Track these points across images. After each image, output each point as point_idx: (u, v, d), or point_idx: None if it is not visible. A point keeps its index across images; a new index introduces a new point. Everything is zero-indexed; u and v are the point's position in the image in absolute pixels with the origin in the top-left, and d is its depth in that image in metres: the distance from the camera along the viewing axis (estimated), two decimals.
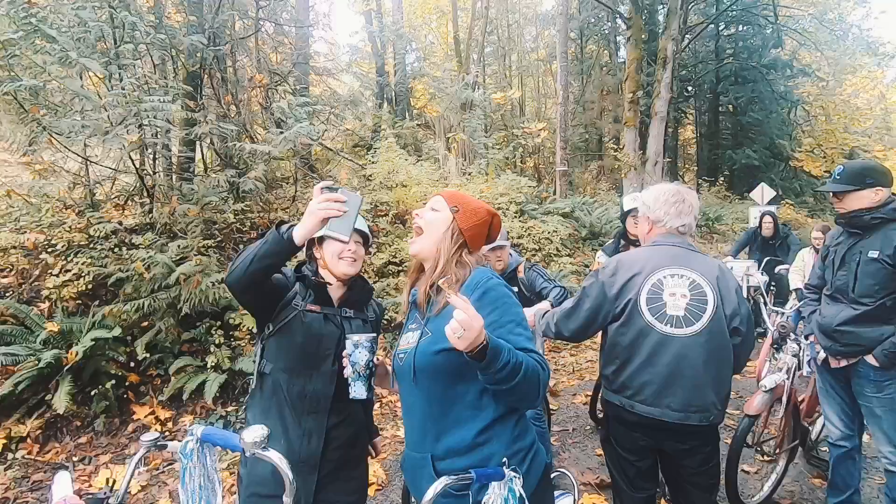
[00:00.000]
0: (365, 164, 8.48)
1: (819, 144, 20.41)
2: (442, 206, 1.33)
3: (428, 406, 1.22)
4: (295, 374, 1.51)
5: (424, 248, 1.32)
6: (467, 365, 1.16)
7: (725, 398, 1.76)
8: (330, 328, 1.55)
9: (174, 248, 4.33)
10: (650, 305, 1.75)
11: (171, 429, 3.80)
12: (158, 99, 3.92)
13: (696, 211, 1.88)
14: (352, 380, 1.32)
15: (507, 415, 1.20)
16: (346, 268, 1.58)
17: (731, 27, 20.33)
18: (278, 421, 1.49)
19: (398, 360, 1.30)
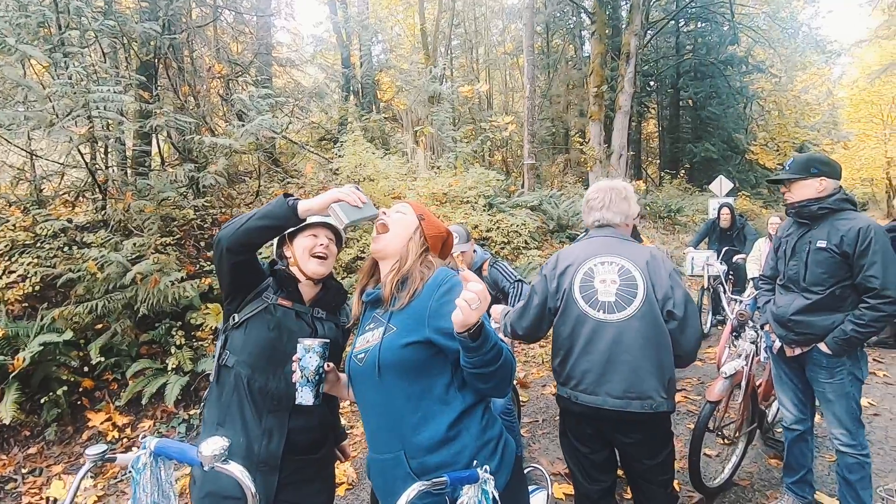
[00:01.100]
0: (331, 157, 8.31)
1: (773, 138, 21.28)
2: (408, 210, 1.37)
3: (395, 403, 1.20)
4: (258, 370, 1.44)
5: (389, 245, 1.32)
6: (434, 359, 1.19)
7: (669, 385, 1.73)
8: (301, 326, 1.50)
9: (129, 247, 4.13)
10: (583, 293, 1.79)
11: (130, 435, 3.65)
12: (108, 89, 3.70)
13: (617, 206, 1.91)
14: (300, 385, 1.29)
15: (473, 405, 1.21)
16: (317, 266, 1.53)
17: (691, 24, 20.93)
18: (238, 418, 1.42)
19: (356, 361, 1.26)
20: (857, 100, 29.24)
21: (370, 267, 1.43)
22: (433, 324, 1.17)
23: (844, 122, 26.85)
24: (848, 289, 2.19)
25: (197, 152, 5.05)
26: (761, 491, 2.73)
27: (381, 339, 1.21)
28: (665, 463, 1.80)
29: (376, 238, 1.34)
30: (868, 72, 25.12)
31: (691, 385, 4.26)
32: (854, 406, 2.25)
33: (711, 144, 20.12)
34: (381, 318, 1.27)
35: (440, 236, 1.40)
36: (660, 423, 1.77)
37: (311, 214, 1.33)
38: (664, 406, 1.71)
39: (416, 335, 1.18)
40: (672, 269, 1.80)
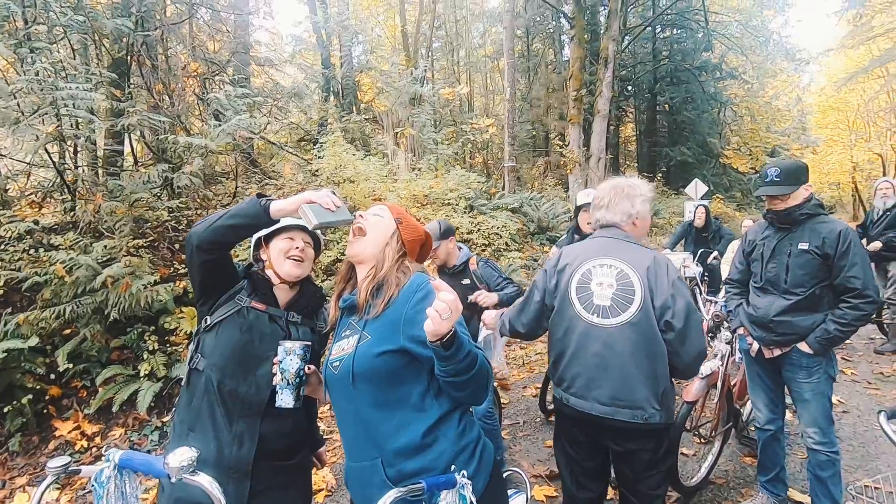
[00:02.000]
0: (311, 158, 8.22)
1: (745, 143, 21.89)
2: (386, 213, 1.35)
3: (371, 411, 1.18)
4: (229, 373, 1.39)
5: (366, 249, 1.30)
6: (409, 367, 1.17)
7: (663, 396, 1.65)
8: (274, 329, 1.45)
9: (99, 249, 4.00)
10: (579, 295, 1.76)
11: (99, 444, 3.52)
12: (77, 86, 3.58)
13: (618, 205, 1.82)
14: (280, 387, 1.28)
15: (450, 412, 1.20)
16: (292, 268, 1.49)
17: (667, 30, 21.38)
18: (209, 423, 1.37)
19: (331, 369, 1.25)
20: (824, 106, 30.32)
21: (347, 271, 1.41)
22: (407, 332, 1.15)
23: (813, 127, 27.81)
24: (826, 289, 2.25)
25: (171, 152, 4.93)
26: (737, 489, 2.78)
27: (354, 347, 1.20)
28: (657, 479, 1.73)
29: (352, 241, 1.32)
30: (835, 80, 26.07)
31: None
32: (828, 404, 2.31)
33: (687, 148, 20.59)
34: (356, 325, 1.25)
35: (418, 240, 1.38)
36: (655, 436, 1.69)
37: (283, 215, 1.30)
38: (657, 417, 1.64)
39: (390, 344, 1.16)
40: (676, 276, 1.70)
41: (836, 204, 36.36)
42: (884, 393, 4.03)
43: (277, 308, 1.49)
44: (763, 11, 20.84)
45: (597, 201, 1.90)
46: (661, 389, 1.65)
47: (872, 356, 4.87)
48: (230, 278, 1.48)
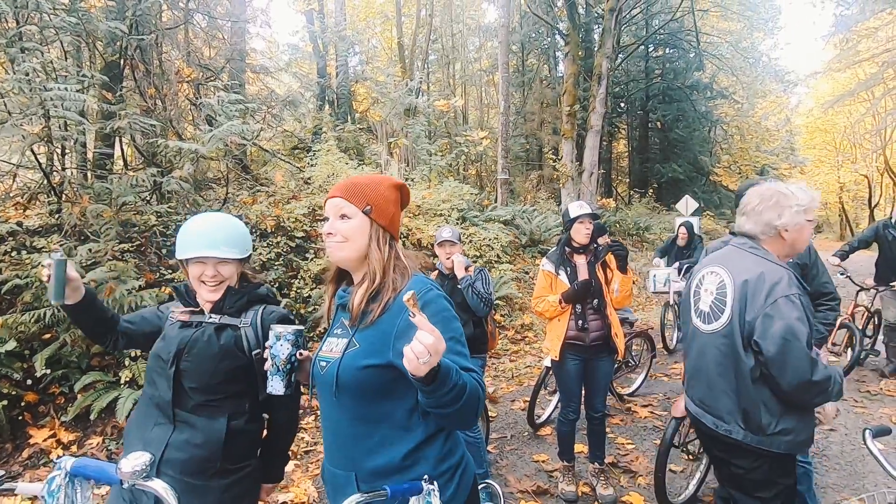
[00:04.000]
0: (303, 166, 8.19)
1: (735, 161, 22.22)
2: (352, 211, 1.16)
3: (351, 425, 1.13)
4: (151, 382, 1.46)
5: (351, 256, 1.18)
6: (396, 382, 1.10)
7: (747, 416, 1.60)
8: (183, 332, 1.46)
9: (84, 252, 3.93)
10: (694, 299, 1.87)
11: (75, 452, 3.42)
12: (65, 87, 3.54)
13: (760, 214, 1.70)
14: (270, 374, 1.23)
15: (436, 433, 1.14)
16: (207, 293, 1.47)
17: (660, 49, 21.74)
18: (135, 429, 1.43)
19: (319, 366, 1.19)
20: (811, 128, 30.98)
21: (336, 273, 1.30)
22: (398, 346, 1.05)
23: (801, 148, 28.33)
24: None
25: (162, 157, 4.88)
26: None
27: (342, 353, 1.13)
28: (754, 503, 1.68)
29: (334, 248, 1.19)
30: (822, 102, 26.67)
31: (657, 400, 4.30)
32: None
33: (678, 165, 20.84)
34: (348, 327, 1.19)
35: (394, 203, 1.23)
36: (744, 454, 1.64)
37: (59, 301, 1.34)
38: (740, 435, 1.61)
39: (378, 357, 1.09)
40: (783, 296, 1.54)
41: (824, 223, 36.92)
42: (871, 411, 4.03)
43: (202, 314, 1.49)
44: (753, 33, 21.27)
45: (741, 206, 1.80)
46: (751, 409, 1.59)
47: (859, 375, 4.89)
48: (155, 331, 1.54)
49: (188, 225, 1.49)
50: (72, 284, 1.36)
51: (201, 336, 1.44)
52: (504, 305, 7.30)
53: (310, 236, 6.16)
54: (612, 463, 3.15)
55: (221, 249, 1.44)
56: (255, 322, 1.48)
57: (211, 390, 1.41)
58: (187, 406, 1.40)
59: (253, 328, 1.47)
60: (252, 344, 1.45)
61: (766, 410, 1.58)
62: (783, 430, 1.57)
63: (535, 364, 5.60)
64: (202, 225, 1.47)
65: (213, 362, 1.41)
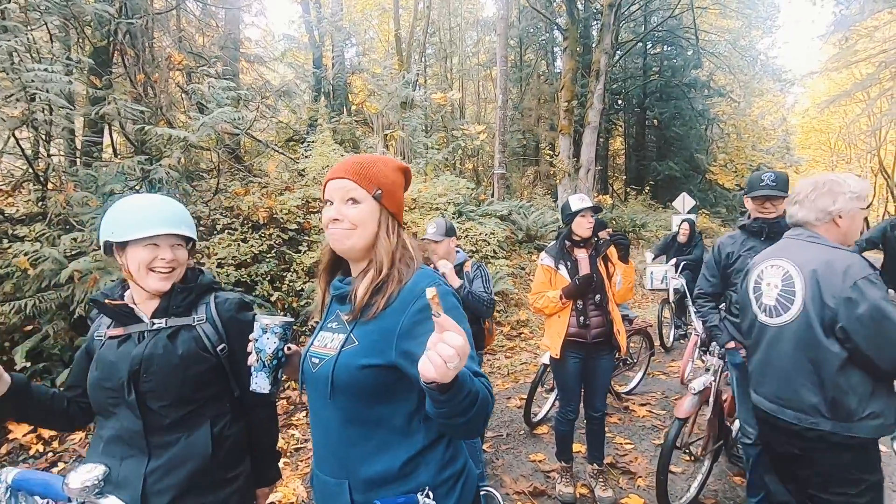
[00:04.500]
0: (297, 157, 8.05)
1: (731, 160, 22.22)
2: (361, 194, 1.06)
3: (345, 428, 1.03)
4: (104, 416, 1.26)
5: (359, 245, 1.06)
6: (396, 384, 1.00)
7: (835, 405, 1.56)
8: (125, 349, 1.25)
9: (67, 242, 3.80)
10: (755, 294, 1.85)
11: (56, 448, 3.31)
12: (46, 68, 3.40)
13: (814, 201, 1.70)
14: (254, 370, 1.11)
15: (438, 438, 1.04)
16: (158, 283, 1.26)
17: (658, 46, 21.68)
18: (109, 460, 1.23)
19: (310, 363, 1.08)
20: (807, 128, 31.07)
21: (331, 260, 1.18)
22: (402, 346, 0.97)
23: (796, 147, 28.37)
24: None
25: (151, 145, 4.74)
26: None
27: (338, 350, 1.02)
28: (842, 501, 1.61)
29: (337, 235, 1.06)
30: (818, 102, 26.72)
31: (655, 399, 4.23)
32: None
33: (675, 163, 20.82)
34: (344, 321, 1.07)
35: (401, 188, 1.14)
36: (832, 447, 1.60)
37: None
38: (828, 426, 1.58)
39: (379, 357, 0.99)
40: (862, 278, 1.53)
41: None
42: None
43: (140, 323, 1.28)
44: (751, 31, 21.21)
45: (792, 196, 1.81)
46: (832, 396, 1.58)
47: None
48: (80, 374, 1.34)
49: (126, 203, 1.26)
50: None
51: (155, 349, 1.24)
52: (500, 301, 7.21)
53: (303, 228, 6.03)
54: (610, 464, 3.08)
55: (181, 227, 1.27)
56: (210, 316, 1.32)
57: (186, 401, 1.25)
58: (161, 427, 1.23)
59: (210, 323, 1.31)
60: (214, 340, 1.30)
61: (854, 396, 1.56)
62: (871, 413, 1.56)
63: (532, 361, 5.52)
64: (151, 202, 1.27)
65: (180, 372, 1.24)
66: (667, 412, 3.92)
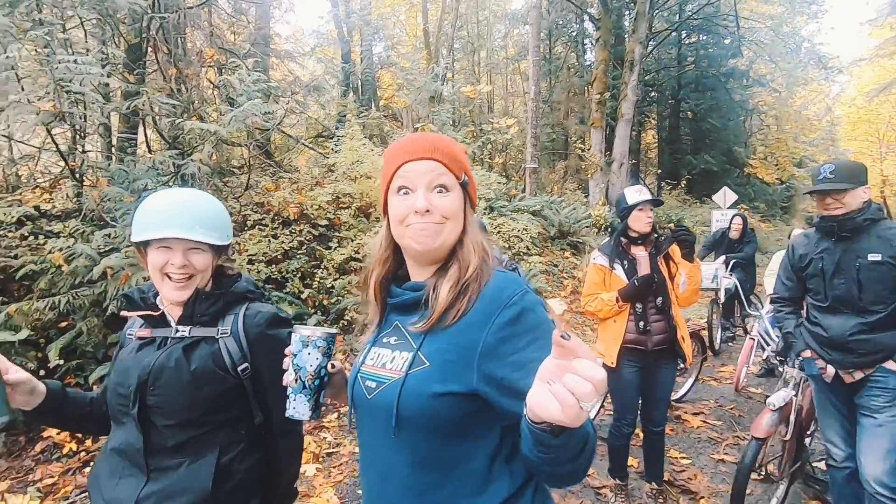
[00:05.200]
0: (327, 153, 7.97)
1: (772, 152, 21.24)
2: (451, 181, 0.89)
3: (412, 472, 0.83)
4: (115, 424, 1.16)
5: (448, 243, 0.88)
6: (476, 417, 0.79)
7: None
8: (142, 355, 1.13)
9: (100, 238, 3.76)
10: None
11: (90, 447, 3.26)
12: (76, 59, 3.33)
13: None
14: (293, 392, 0.92)
15: (525, 483, 0.83)
16: (173, 292, 1.12)
17: (693, 35, 20.87)
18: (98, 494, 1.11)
19: (364, 387, 0.88)
20: (854, 118, 29.43)
21: (389, 255, 0.97)
22: (485, 368, 0.78)
23: (842, 139, 26.94)
24: None
25: (183, 139, 4.70)
26: None
27: (404, 374, 0.82)
28: None
29: (424, 228, 0.86)
30: (866, 90, 25.25)
31: (709, 408, 3.93)
32: None
33: (711, 157, 20.06)
34: (407, 334, 0.88)
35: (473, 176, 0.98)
36: None
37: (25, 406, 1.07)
38: None
39: (458, 383, 0.79)
40: None
41: None
42: None
43: (166, 326, 1.16)
44: (795, 17, 20.14)
45: None
46: None
47: None
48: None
49: (152, 199, 1.14)
50: (21, 388, 1.02)
51: (167, 360, 1.10)
52: None
53: (333, 224, 5.93)
54: (666, 481, 2.83)
55: (196, 231, 1.10)
56: (236, 329, 1.15)
57: (193, 425, 1.09)
58: (164, 448, 1.08)
59: (234, 337, 1.14)
60: (236, 358, 1.13)
61: None
62: None
63: None
64: (171, 199, 1.13)
65: (190, 391, 1.08)
66: (723, 423, 3.63)
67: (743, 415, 3.78)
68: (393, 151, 0.92)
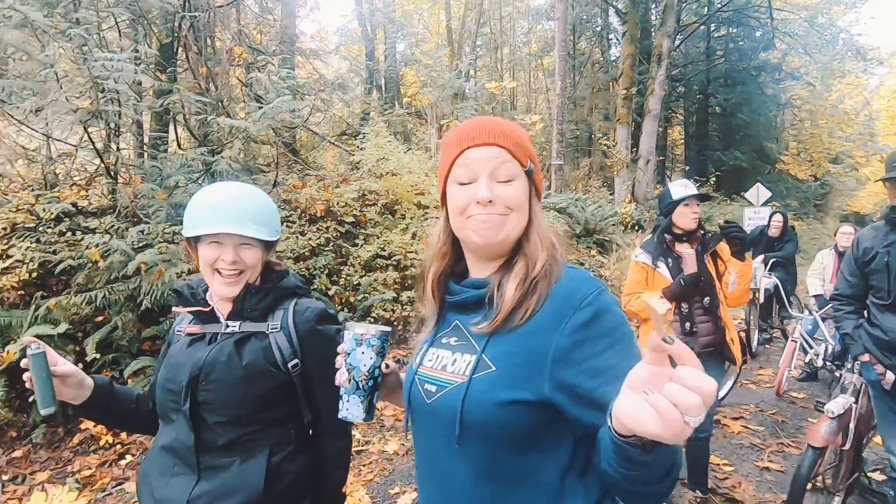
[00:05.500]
0: (352, 150, 7.98)
1: (805, 148, 20.54)
2: (515, 170, 0.81)
3: (477, 485, 0.76)
4: (164, 422, 1.14)
5: (512, 236, 0.81)
6: (548, 427, 0.72)
7: None
8: (193, 351, 1.12)
9: (134, 234, 3.82)
10: None
11: (125, 440, 3.31)
12: (112, 56, 3.38)
13: None
14: (346, 392, 0.87)
15: (601, 499, 0.76)
16: (223, 287, 1.10)
17: (722, 28, 20.30)
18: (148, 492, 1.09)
19: (423, 390, 0.82)
20: (894, 112, 28.23)
21: (448, 247, 0.90)
22: (558, 375, 0.71)
23: (881, 134, 25.83)
24: None
25: (213, 136, 4.74)
26: None
27: (468, 378, 0.75)
28: None
29: (487, 221, 0.79)
30: None
31: (749, 413, 3.78)
32: None
33: (741, 153, 19.49)
34: (469, 334, 0.81)
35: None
36: None
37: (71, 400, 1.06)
38: None
39: (527, 390, 0.72)
40: None
41: None
42: None
43: (216, 322, 1.14)
44: (832, 7, 19.38)
45: None
46: None
47: None
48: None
49: (203, 194, 1.12)
50: (70, 381, 1.02)
51: (219, 355, 1.08)
52: None
53: (359, 221, 5.93)
54: (710, 489, 2.71)
55: (247, 226, 1.08)
56: (286, 324, 1.13)
57: (244, 422, 1.07)
58: (215, 447, 1.06)
59: (285, 332, 1.12)
60: (286, 354, 1.11)
61: None
62: None
63: None
64: (223, 194, 1.11)
65: (241, 387, 1.06)
66: (765, 429, 3.48)
67: (786, 420, 3.62)
68: (453, 137, 0.85)
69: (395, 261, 5.58)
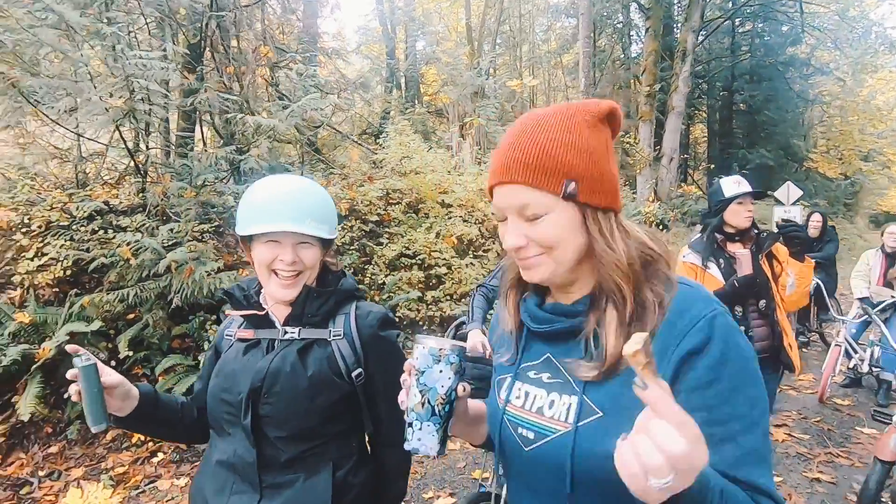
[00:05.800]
0: (375, 149, 7.96)
1: (835, 145, 19.94)
2: (545, 202, 0.67)
3: None
4: (218, 434, 1.06)
5: (561, 270, 0.71)
6: None
7: None
8: (251, 359, 1.04)
9: (165, 232, 3.83)
10: None
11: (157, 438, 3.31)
12: (144, 54, 3.38)
13: None
14: (418, 418, 0.70)
15: None
16: (280, 290, 1.02)
17: (748, 23, 19.80)
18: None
19: (517, 435, 0.73)
20: None
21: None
22: None
23: None
24: None
25: (240, 135, 4.75)
26: None
27: (573, 427, 0.66)
28: None
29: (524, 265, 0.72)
30: None
31: (792, 420, 3.63)
32: None
33: (767, 151, 18.98)
34: (565, 371, 0.71)
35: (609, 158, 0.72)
36: None
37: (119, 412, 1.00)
38: None
39: None
40: None
41: None
42: None
43: (271, 328, 1.06)
44: (863, 0, 18.77)
45: None
46: None
47: None
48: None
49: (258, 189, 1.03)
50: (116, 392, 0.96)
51: (282, 365, 1.00)
52: None
53: (382, 220, 5.89)
54: None
55: (308, 224, 1.00)
56: (349, 330, 1.05)
57: (309, 436, 1.00)
58: (277, 463, 0.99)
59: (348, 339, 1.04)
60: (350, 362, 1.03)
61: None
62: None
63: None
64: (281, 189, 1.02)
65: (307, 399, 0.99)
66: (811, 437, 3.34)
67: (832, 429, 3.46)
68: (490, 164, 0.75)
69: (420, 260, 5.53)
